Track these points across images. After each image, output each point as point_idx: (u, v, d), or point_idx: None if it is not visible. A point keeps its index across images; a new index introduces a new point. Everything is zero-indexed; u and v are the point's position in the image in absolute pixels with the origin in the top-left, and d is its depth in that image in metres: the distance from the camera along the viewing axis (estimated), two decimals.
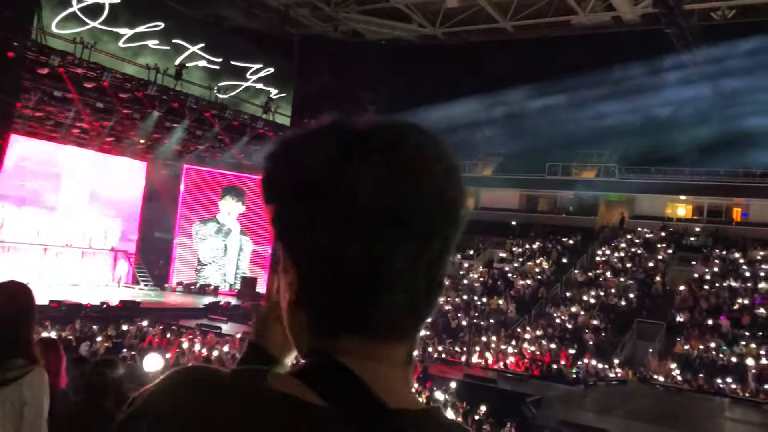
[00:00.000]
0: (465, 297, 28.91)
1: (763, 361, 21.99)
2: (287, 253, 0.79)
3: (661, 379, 21.50)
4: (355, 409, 0.71)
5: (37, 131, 25.33)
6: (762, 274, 27.57)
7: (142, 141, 27.39)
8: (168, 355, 13.05)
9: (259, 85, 30.01)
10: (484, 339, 24.36)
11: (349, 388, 0.72)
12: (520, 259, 32.61)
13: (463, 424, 0.80)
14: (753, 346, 22.64)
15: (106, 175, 28.36)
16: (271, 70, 30.28)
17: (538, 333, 24.92)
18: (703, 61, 29.57)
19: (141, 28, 25.16)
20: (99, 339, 15.27)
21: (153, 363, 5.02)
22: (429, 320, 0.84)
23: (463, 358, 22.40)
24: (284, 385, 0.74)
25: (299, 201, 0.76)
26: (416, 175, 0.75)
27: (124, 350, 14.32)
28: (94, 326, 17.04)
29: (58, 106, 23.50)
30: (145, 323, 18.59)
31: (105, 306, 21.31)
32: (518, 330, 25.53)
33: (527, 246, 34.02)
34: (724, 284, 27.08)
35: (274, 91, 30.44)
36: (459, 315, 27.09)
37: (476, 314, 27.11)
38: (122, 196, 29.14)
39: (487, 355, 22.78)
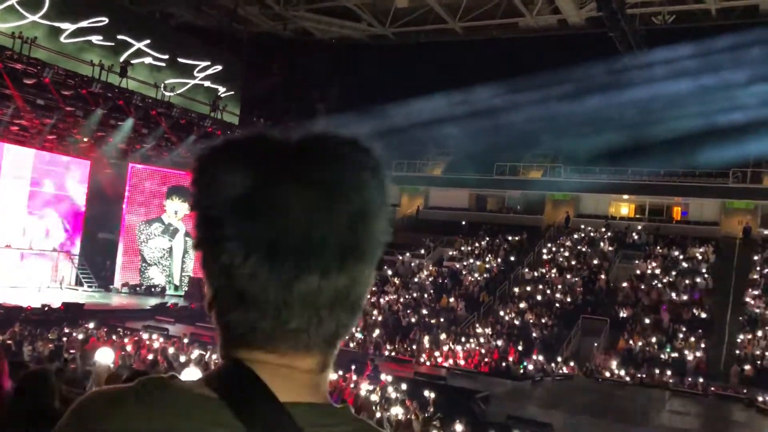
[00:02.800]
0: (415, 295, 29.09)
1: (700, 354, 22.82)
2: (202, 263, 0.80)
3: (606, 373, 22.07)
4: (240, 399, 0.74)
5: None
6: (701, 270, 28.56)
7: (85, 139, 26.68)
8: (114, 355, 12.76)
9: (207, 83, 29.58)
10: (432, 337, 24.55)
11: (241, 384, 0.75)
12: (471, 259, 32.99)
13: (368, 422, 0.81)
14: (692, 340, 23.46)
15: (47, 174, 27.52)
16: (219, 68, 29.87)
17: (487, 330, 25.26)
18: (646, 63, 30.49)
19: (84, 23, 24.52)
20: (40, 343, 14.82)
21: (105, 356, 4.90)
22: (344, 340, 0.86)
23: (414, 356, 22.56)
24: (186, 384, 0.78)
25: (215, 216, 0.76)
26: (330, 210, 0.75)
27: (67, 354, 13.94)
28: (36, 330, 16.52)
29: None
30: (90, 325, 18.12)
31: (47, 308, 20.69)
32: (468, 328, 25.83)
33: (476, 244, 34.45)
34: (665, 280, 27.95)
35: (222, 90, 30.04)
36: (409, 313, 27.24)
37: (426, 312, 27.32)
38: (65, 196, 28.32)
39: (437, 352, 22.98)
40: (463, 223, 36.57)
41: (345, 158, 0.78)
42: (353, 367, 16.15)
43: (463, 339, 24.38)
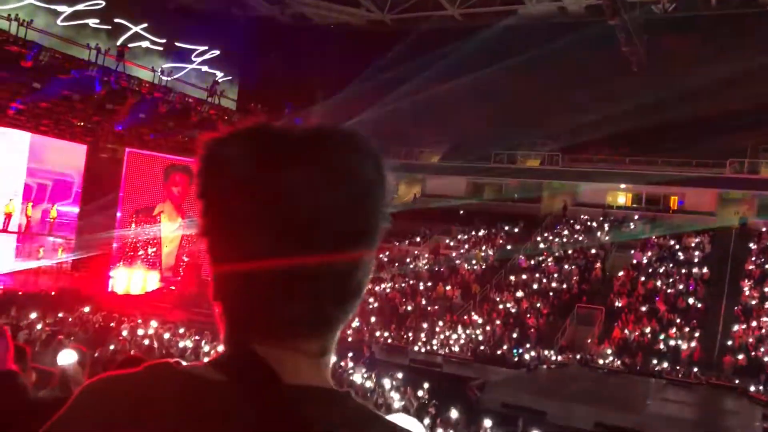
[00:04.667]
0: (411, 283, 29.15)
1: (695, 344, 22.93)
2: (207, 250, 0.82)
3: (601, 362, 22.17)
4: (247, 382, 0.76)
5: None
6: (696, 260, 28.64)
7: (81, 123, 26.55)
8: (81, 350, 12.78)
9: (205, 68, 29.43)
10: (428, 325, 24.64)
11: (247, 367, 0.77)
12: (466, 246, 33.03)
13: (370, 407, 0.82)
14: (687, 329, 23.57)
15: (44, 159, 27.37)
16: (217, 52, 29.72)
17: (483, 319, 25.34)
18: (645, 52, 30.42)
19: (81, 6, 24.34)
20: (39, 327, 14.83)
21: (67, 358, 4.83)
22: (346, 325, 0.87)
23: (409, 344, 22.63)
24: (192, 368, 0.80)
25: (219, 203, 0.80)
26: (331, 194, 0.77)
27: (61, 337, 13.94)
28: (32, 314, 16.52)
29: None
30: (85, 310, 18.15)
31: (43, 293, 20.71)
32: (463, 316, 25.90)
33: (473, 233, 34.48)
34: (661, 270, 28.02)
35: (219, 75, 29.90)
36: (405, 301, 27.31)
37: (423, 300, 27.38)
38: (61, 180, 28.19)
39: (433, 340, 23.06)
40: (461, 212, 36.52)
41: (345, 145, 0.81)
42: (350, 355, 16.21)
43: (459, 327, 24.46)
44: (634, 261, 29.25)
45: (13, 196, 26.16)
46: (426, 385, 14.22)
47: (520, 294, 27.36)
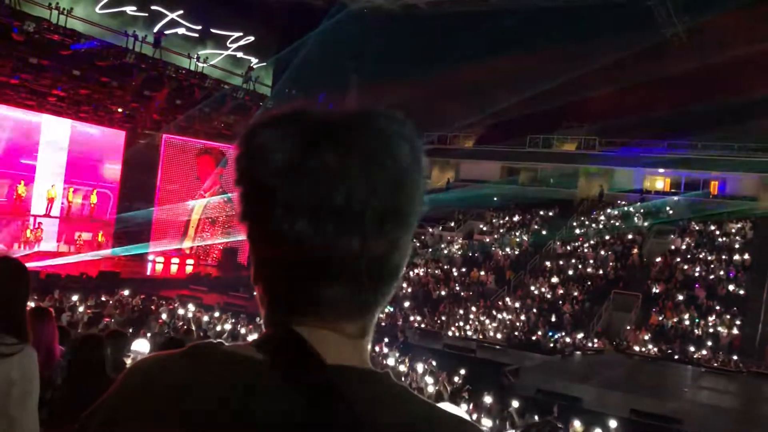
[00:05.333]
0: (445, 268, 29.11)
1: (735, 331, 22.51)
2: (248, 235, 0.84)
3: (637, 349, 21.91)
4: (289, 361, 0.77)
5: (12, 99, 24.84)
6: (737, 246, 28.05)
7: (120, 110, 27.00)
8: (149, 333, 13.05)
9: (240, 54, 29.62)
10: (462, 311, 24.61)
11: (289, 346, 0.79)
12: (501, 231, 32.84)
13: (409, 388, 0.82)
14: (727, 317, 23.14)
15: (84, 145, 27.92)
16: (252, 38, 29.87)
17: (517, 304, 25.22)
18: (686, 32, 29.68)
19: None
20: (81, 309, 15.18)
21: (142, 347, 4.98)
22: (387, 305, 0.88)
23: (443, 329, 22.65)
24: (236, 348, 0.82)
25: (260, 187, 0.80)
26: (370, 176, 0.78)
27: (105, 321, 14.27)
28: (74, 296, 16.92)
29: (34, 74, 23.05)
30: (125, 293, 18.53)
31: (84, 276, 21.19)
32: (497, 301, 25.81)
33: (507, 218, 34.24)
34: (700, 256, 27.52)
35: (254, 61, 30.07)
36: (439, 286, 27.30)
37: (456, 286, 27.34)
38: (101, 166, 28.75)
39: (467, 326, 23.04)
40: (495, 198, 36.21)
41: (383, 129, 0.82)
42: (384, 340, 16.29)
43: (493, 312, 24.38)
44: (672, 247, 28.76)
45: (54, 181, 26.79)
46: (462, 371, 14.22)
47: (555, 280, 27.14)
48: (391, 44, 32.70)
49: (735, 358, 20.82)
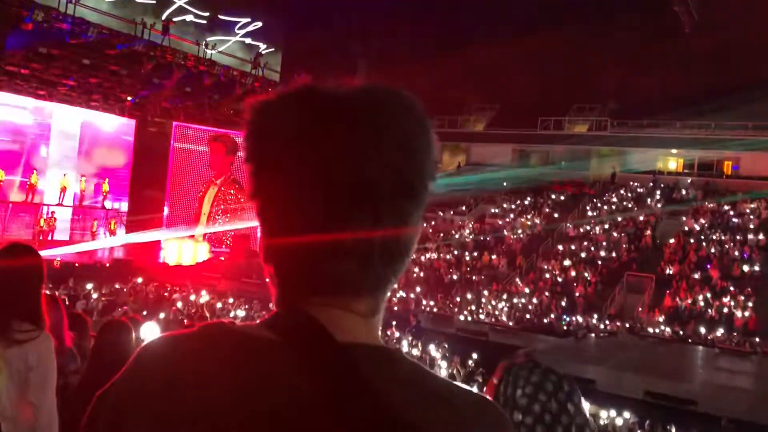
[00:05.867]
0: (456, 252, 29.08)
1: (750, 312, 22.37)
2: (258, 213, 0.83)
3: (651, 330, 21.84)
4: (302, 339, 0.77)
5: (23, 89, 24.93)
6: (751, 226, 27.82)
7: (129, 98, 27.05)
8: (161, 315, 13.14)
9: (248, 40, 29.54)
10: (474, 295, 24.61)
11: (301, 324, 0.78)
12: (512, 215, 32.74)
13: (422, 365, 0.82)
14: (741, 298, 22.99)
15: (94, 133, 28.03)
16: (260, 24, 29.76)
17: (529, 288, 25.18)
18: (697, 11, 29.30)
19: None
20: (95, 296, 15.32)
21: (151, 332, 4.99)
22: (394, 286, 0.89)
23: (455, 313, 22.66)
24: (247, 327, 0.81)
25: (269, 163, 0.80)
26: (381, 151, 0.78)
27: (119, 308, 14.40)
28: (88, 285, 17.08)
29: (44, 63, 23.10)
30: (138, 280, 18.66)
31: (98, 264, 21.35)
32: (509, 285, 25.78)
33: (519, 201, 34.12)
34: (714, 237, 27.32)
35: (263, 46, 29.98)
36: (451, 270, 27.29)
37: (468, 269, 27.31)
38: (112, 154, 28.86)
39: (479, 309, 23.04)
40: (504, 183, 36.03)
41: (393, 105, 0.81)
42: (394, 323, 16.33)
43: (505, 296, 24.37)
44: (686, 228, 28.57)
45: (66, 170, 26.93)
46: (474, 356, 14.23)
47: (567, 263, 27.06)
48: (399, 27, 32.54)
49: (750, 338, 20.70)
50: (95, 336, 3.98)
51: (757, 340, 20.85)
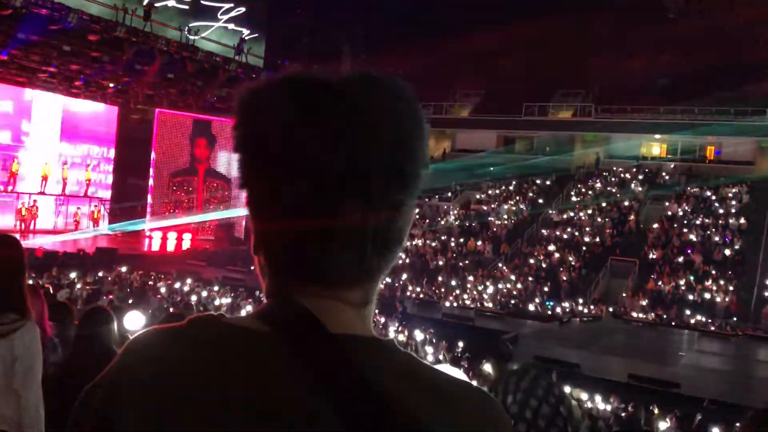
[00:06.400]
0: (443, 238, 29.17)
1: (730, 295, 22.66)
2: (248, 202, 0.82)
3: (634, 314, 22.07)
4: (294, 332, 0.76)
5: (3, 76, 24.58)
6: (733, 211, 28.11)
7: (111, 85, 26.74)
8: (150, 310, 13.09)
9: (231, 26, 29.25)
10: (460, 280, 24.72)
11: (293, 315, 0.77)
12: (497, 201, 32.85)
13: (414, 354, 0.82)
14: (722, 281, 23.28)
15: (76, 121, 27.73)
16: (243, 9, 29.46)
17: (514, 273, 25.32)
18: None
19: None
20: (78, 286, 15.22)
21: (135, 322, 4.95)
22: (387, 273, 0.87)
23: (441, 299, 22.75)
24: (237, 320, 0.81)
25: (259, 152, 0.79)
26: (372, 138, 0.77)
27: (104, 297, 14.32)
28: (72, 273, 16.96)
29: (23, 50, 22.77)
30: (123, 269, 18.56)
31: (82, 253, 21.19)
32: (495, 270, 25.92)
33: (504, 187, 34.22)
34: (696, 222, 27.59)
35: (246, 32, 29.70)
36: (437, 257, 27.37)
37: (453, 255, 27.41)
38: (94, 142, 28.59)
39: (464, 294, 23.15)
40: (491, 168, 36.11)
41: (384, 91, 0.80)
42: (379, 310, 16.37)
43: (490, 281, 24.49)
44: (669, 213, 28.82)
45: (48, 158, 26.65)
46: (460, 344, 14.33)
47: (552, 248, 27.23)
48: (384, 14, 32.40)
49: (731, 321, 21.00)
50: (77, 324, 3.95)
51: (735, 319, 21.22)
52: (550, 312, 21.67)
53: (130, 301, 13.72)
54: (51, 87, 26.13)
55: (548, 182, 34.01)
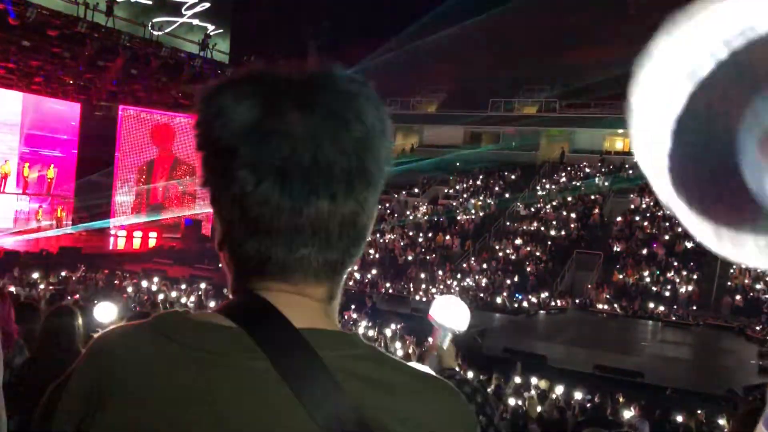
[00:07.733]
0: (411, 233, 29.27)
1: (693, 286, 23.18)
2: (211, 200, 0.82)
3: (600, 306, 22.44)
4: (258, 327, 0.77)
5: None
6: None
7: (72, 81, 26.24)
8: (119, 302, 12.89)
9: (195, 21, 28.89)
10: (427, 274, 24.85)
11: (257, 311, 0.78)
12: (465, 195, 33.06)
13: (379, 348, 0.83)
14: (685, 273, 23.79)
15: (38, 118, 27.13)
16: (207, 5, 29.11)
17: (482, 267, 25.54)
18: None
19: None
20: (42, 286, 14.93)
21: (106, 314, 4.86)
22: (351, 268, 0.88)
23: (410, 293, 22.85)
24: (202, 315, 0.81)
25: (222, 149, 0.77)
26: (336, 135, 0.76)
27: (69, 297, 14.07)
28: (34, 274, 16.61)
29: None
30: (88, 268, 18.25)
31: (44, 253, 20.78)
32: (463, 264, 26.10)
33: (471, 182, 34.45)
34: (659, 214, 28.11)
35: (211, 28, 29.37)
36: (405, 251, 27.47)
37: (422, 250, 27.53)
38: (56, 140, 28.02)
39: (433, 289, 23.28)
40: (457, 164, 36.32)
41: (346, 88, 0.80)
42: (352, 306, 16.39)
43: (458, 275, 24.66)
44: (632, 206, 29.32)
45: (8, 157, 26.05)
46: (430, 339, 14.43)
47: (518, 241, 27.52)
48: (350, 9, 32.30)
49: (693, 311, 21.50)
50: (42, 323, 3.89)
51: (695, 308, 21.74)
52: (517, 305, 21.91)
53: (96, 302, 13.51)
54: (10, 83, 25.52)
55: (514, 177, 34.34)
